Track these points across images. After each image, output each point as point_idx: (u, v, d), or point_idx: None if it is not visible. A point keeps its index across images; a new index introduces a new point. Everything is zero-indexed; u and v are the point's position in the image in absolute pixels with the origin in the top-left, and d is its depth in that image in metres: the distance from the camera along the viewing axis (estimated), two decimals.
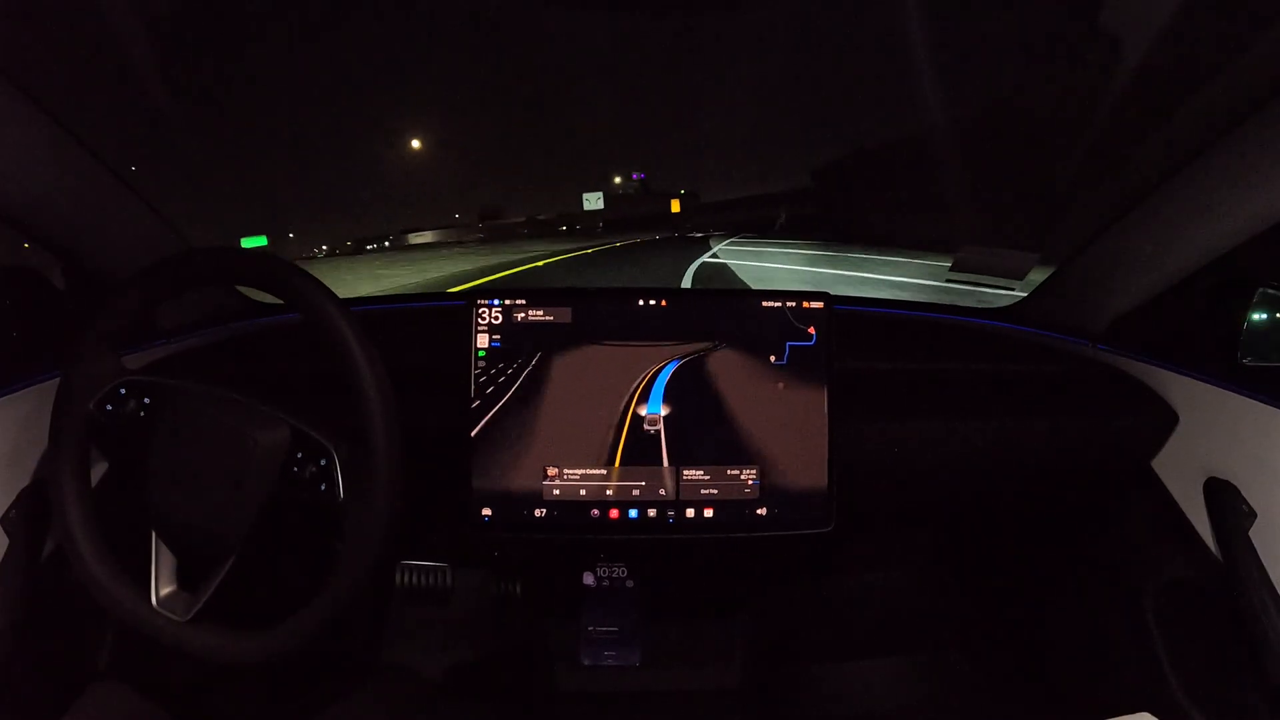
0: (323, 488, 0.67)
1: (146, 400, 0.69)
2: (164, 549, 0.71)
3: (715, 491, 0.85)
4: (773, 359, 0.85)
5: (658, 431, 0.85)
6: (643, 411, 0.85)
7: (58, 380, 0.71)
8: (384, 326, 1.03)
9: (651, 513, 0.85)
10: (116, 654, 0.91)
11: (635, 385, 0.85)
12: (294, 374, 0.92)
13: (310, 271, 0.68)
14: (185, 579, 0.71)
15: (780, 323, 0.86)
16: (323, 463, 0.68)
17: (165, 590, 0.70)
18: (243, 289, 1.10)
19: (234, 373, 0.95)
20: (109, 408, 0.69)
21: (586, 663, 1.02)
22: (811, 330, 0.86)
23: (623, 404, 0.85)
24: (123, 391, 0.69)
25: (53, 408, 0.70)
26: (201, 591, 0.69)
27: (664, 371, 0.85)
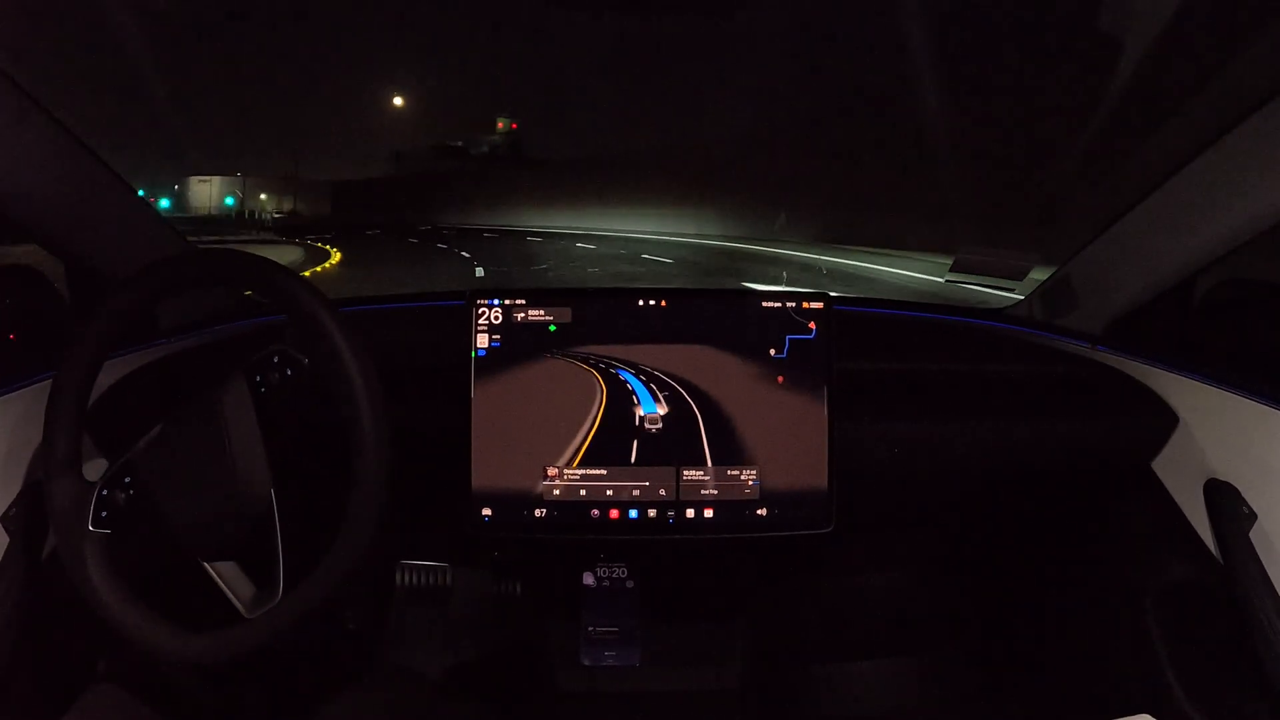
0: (289, 373, 0.69)
1: (127, 479, 0.69)
2: (221, 567, 0.71)
3: (715, 492, 0.85)
4: (772, 352, 0.85)
5: (658, 431, 0.85)
6: (643, 412, 0.85)
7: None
8: (384, 326, 1.03)
9: (652, 513, 0.85)
10: (115, 655, 0.90)
11: (635, 385, 0.85)
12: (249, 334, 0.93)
13: None
14: (256, 576, 0.72)
15: (780, 321, 0.86)
16: (276, 360, 0.69)
17: (247, 597, 0.71)
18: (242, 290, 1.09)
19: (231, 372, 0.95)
20: (104, 514, 0.69)
21: (586, 663, 1.02)
22: (812, 325, 0.86)
23: (622, 404, 0.85)
24: (105, 492, 0.69)
25: (59, 548, 0.70)
26: (275, 568, 0.69)
27: (664, 371, 0.85)
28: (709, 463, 0.85)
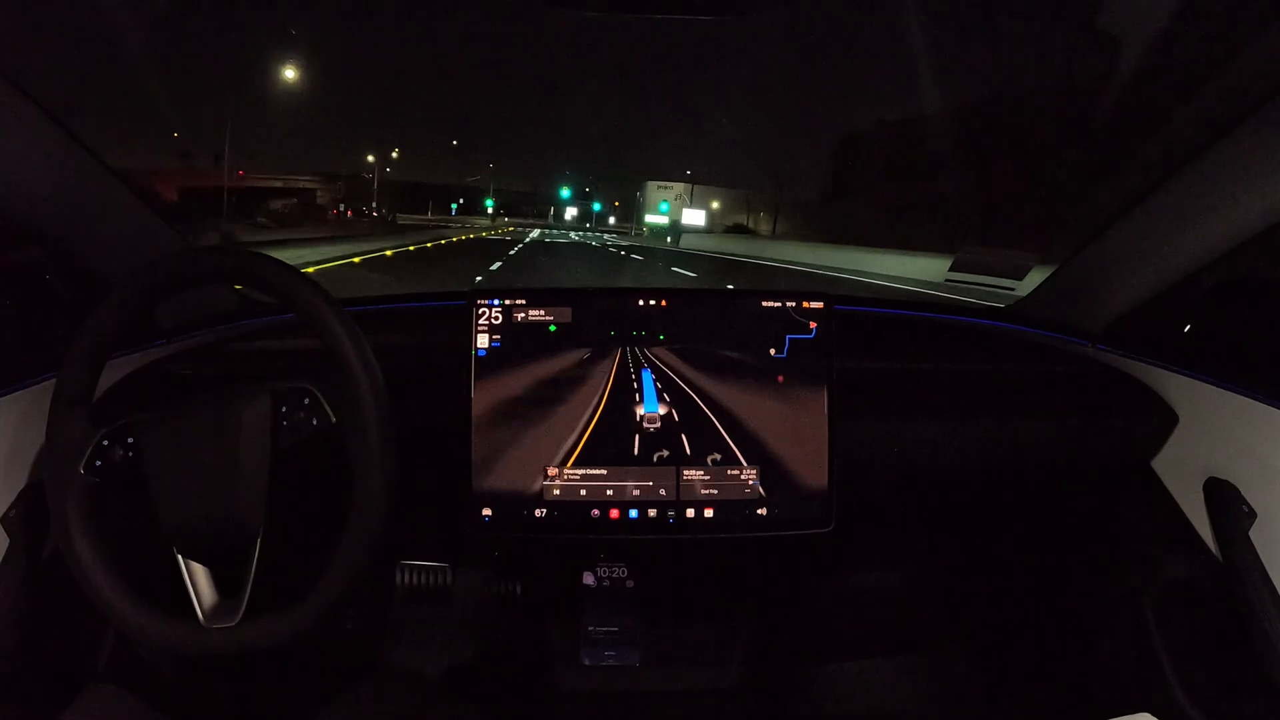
0: (315, 422, 0.69)
1: (130, 440, 0.69)
2: (194, 566, 0.71)
3: (715, 491, 0.85)
4: (773, 352, 0.85)
5: (658, 431, 0.85)
6: (643, 411, 0.85)
7: (55, 382, 0.71)
8: (384, 327, 1.03)
9: (652, 513, 0.85)
10: (115, 653, 0.90)
11: (635, 385, 0.85)
12: (273, 349, 0.95)
13: None
14: (223, 585, 0.71)
15: (780, 321, 0.86)
16: (306, 402, 0.69)
17: (209, 605, 0.70)
18: (242, 289, 1.09)
19: (221, 369, 0.95)
20: (98, 464, 0.69)
21: (586, 663, 1.02)
22: (812, 325, 0.86)
23: (623, 404, 0.85)
24: (105, 443, 0.69)
25: (47, 482, 0.70)
26: (243, 589, 0.69)
27: (664, 371, 0.85)
28: (709, 462, 0.85)
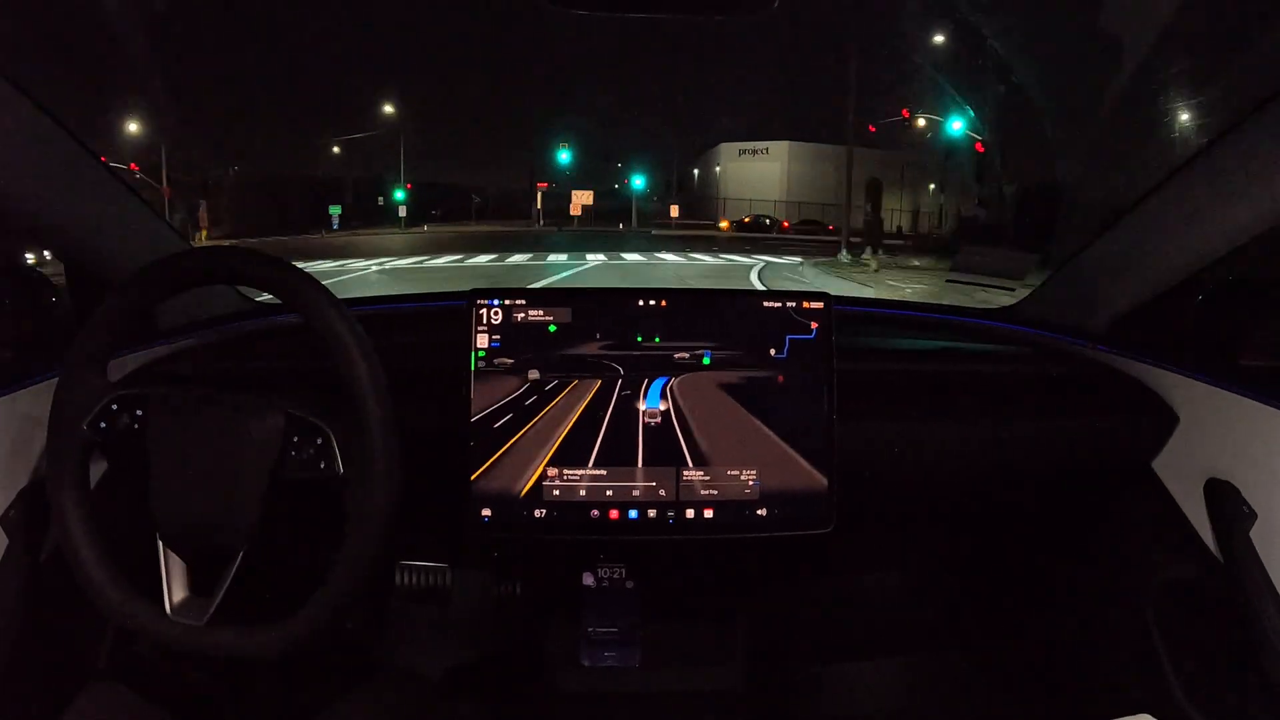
0: (322, 465, 0.69)
1: (139, 412, 0.69)
2: (173, 556, 0.71)
3: (715, 492, 0.85)
4: (773, 352, 0.85)
5: (658, 431, 0.85)
6: (643, 411, 0.85)
7: (56, 381, 0.71)
8: (384, 327, 1.03)
9: (651, 513, 0.85)
10: (115, 653, 0.91)
11: (634, 386, 0.85)
12: (292, 366, 0.93)
13: None
14: (197, 583, 0.71)
15: (781, 321, 0.86)
16: (319, 441, 0.69)
17: (179, 598, 0.70)
18: (242, 289, 1.10)
19: (233, 371, 0.95)
20: (103, 425, 0.69)
21: (586, 664, 1.02)
22: (813, 325, 0.86)
23: (623, 404, 0.84)
24: (114, 407, 0.69)
25: (48, 432, 0.69)
26: (215, 593, 0.69)
27: (664, 371, 0.85)
28: (709, 463, 0.85)
